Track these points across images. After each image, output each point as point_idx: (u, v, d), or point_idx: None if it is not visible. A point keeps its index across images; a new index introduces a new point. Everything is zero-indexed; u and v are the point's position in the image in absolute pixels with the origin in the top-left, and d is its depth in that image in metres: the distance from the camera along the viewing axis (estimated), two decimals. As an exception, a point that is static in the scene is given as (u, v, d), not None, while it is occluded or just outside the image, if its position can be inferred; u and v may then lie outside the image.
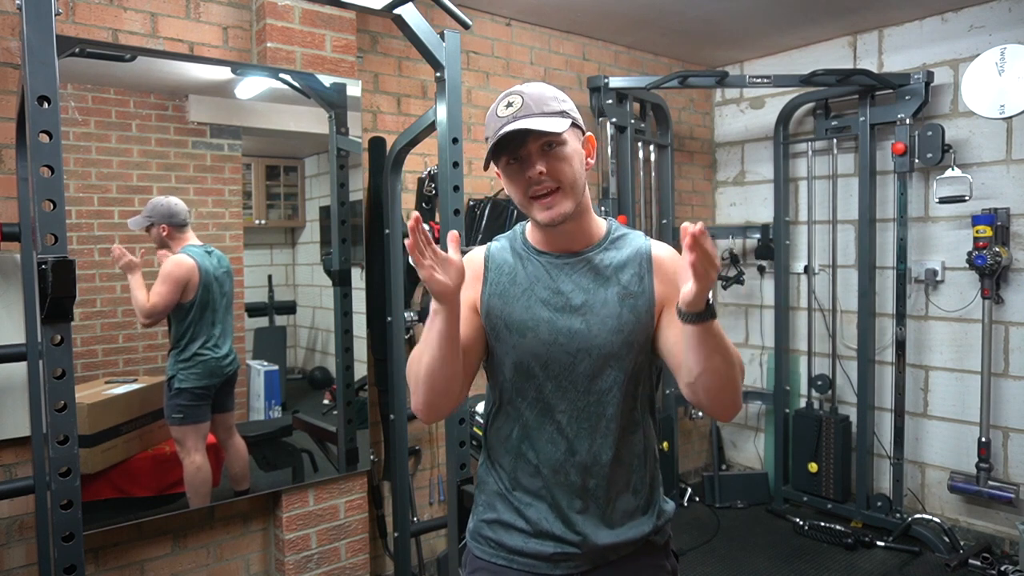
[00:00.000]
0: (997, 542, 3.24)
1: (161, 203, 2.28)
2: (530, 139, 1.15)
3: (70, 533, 1.49)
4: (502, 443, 1.29)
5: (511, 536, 1.27)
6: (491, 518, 1.30)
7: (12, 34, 2.13)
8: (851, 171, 3.71)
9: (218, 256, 2.41)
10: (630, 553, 1.27)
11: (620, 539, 1.25)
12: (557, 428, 1.23)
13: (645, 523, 1.28)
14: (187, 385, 2.34)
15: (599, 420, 1.22)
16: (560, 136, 1.16)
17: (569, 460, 1.23)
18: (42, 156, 1.43)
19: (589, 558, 1.25)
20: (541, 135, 1.15)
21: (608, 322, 1.21)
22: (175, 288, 2.29)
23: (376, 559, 2.89)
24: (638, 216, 3.66)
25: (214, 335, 2.38)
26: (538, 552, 1.24)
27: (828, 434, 3.62)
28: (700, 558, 3.24)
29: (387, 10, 2.06)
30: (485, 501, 1.33)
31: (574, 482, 1.23)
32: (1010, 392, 3.21)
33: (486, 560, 1.30)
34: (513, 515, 1.27)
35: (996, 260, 3.06)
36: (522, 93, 1.18)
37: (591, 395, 1.22)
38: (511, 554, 1.27)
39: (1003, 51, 3.11)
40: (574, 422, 1.22)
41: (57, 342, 1.46)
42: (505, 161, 1.19)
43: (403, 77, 3.03)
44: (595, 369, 1.21)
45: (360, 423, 2.71)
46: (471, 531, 1.35)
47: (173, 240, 2.30)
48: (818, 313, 3.83)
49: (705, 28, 3.58)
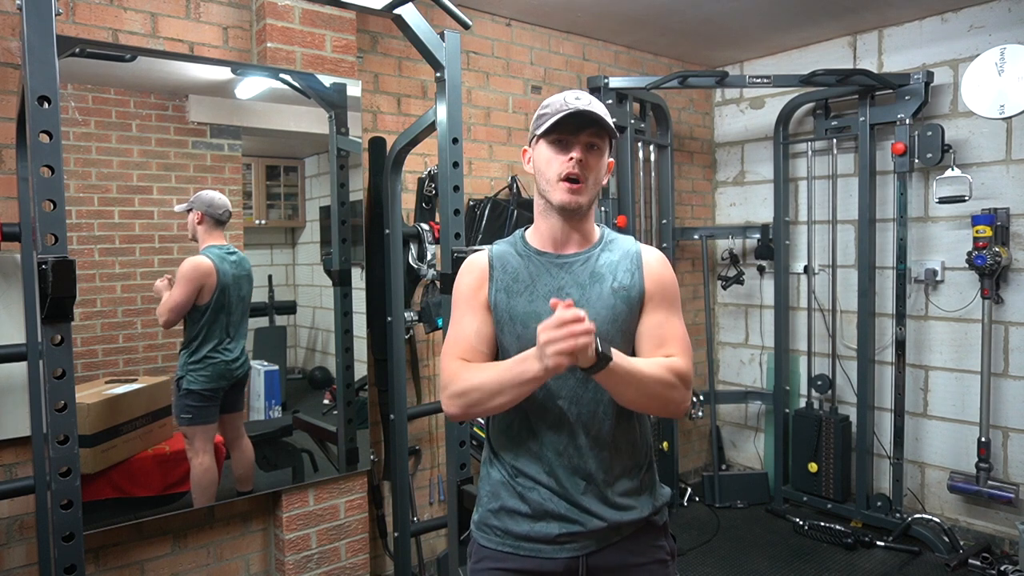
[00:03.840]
0: (997, 542, 3.24)
1: (206, 193, 2.35)
2: (585, 131, 1.28)
3: (70, 533, 1.49)
4: (505, 433, 1.35)
5: (516, 522, 1.32)
6: (496, 507, 1.35)
7: (12, 34, 2.13)
8: (851, 171, 3.71)
9: (240, 258, 2.43)
10: (631, 533, 1.33)
11: (622, 519, 1.31)
12: (558, 415, 1.30)
13: (644, 504, 1.35)
14: (195, 387, 2.35)
15: (597, 406, 1.30)
16: (610, 139, 1.32)
17: (571, 444, 1.30)
18: (42, 156, 1.43)
19: (592, 538, 1.30)
20: (596, 131, 1.28)
21: (603, 313, 1.30)
22: (192, 289, 2.31)
23: (376, 559, 2.89)
24: (638, 216, 3.66)
25: (226, 338, 2.39)
26: (543, 535, 1.30)
27: (828, 434, 3.62)
28: (700, 558, 3.24)
29: (387, 10, 2.06)
30: (489, 491, 1.37)
31: (576, 464, 1.30)
32: (1010, 392, 3.21)
33: (492, 548, 1.34)
34: (517, 501, 1.32)
35: (996, 260, 3.06)
36: (590, 97, 1.31)
37: (590, 382, 1.28)
38: (517, 540, 1.32)
39: (1003, 51, 3.11)
40: (574, 408, 1.30)
41: (57, 342, 1.46)
42: (555, 137, 1.29)
43: (403, 77, 3.03)
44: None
45: (360, 423, 2.71)
46: (476, 522, 1.40)
47: (203, 230, 2.33)
48: (818, 313, 3.83)
49: (705, 28, 3.58)
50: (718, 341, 4.41)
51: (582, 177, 1.28)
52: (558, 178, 1.28)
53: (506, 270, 1.35)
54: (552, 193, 1.30)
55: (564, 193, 1.28)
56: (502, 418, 1.36)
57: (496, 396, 1.21)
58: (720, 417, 4.33)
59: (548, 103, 1.32)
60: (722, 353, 4.42)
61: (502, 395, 1.21)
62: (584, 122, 1.27)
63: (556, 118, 1.26)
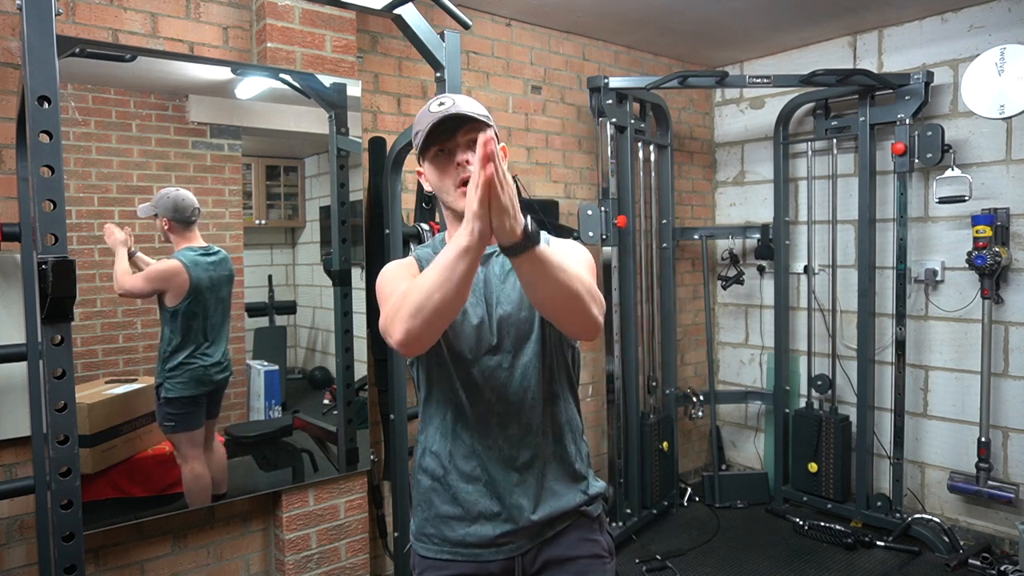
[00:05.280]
0: (997, 542, 3.24)
1: (169, 194, 2.27)
2: (460, 131, 1.25)
3: (70, 533, 1.49)
4: (437, 428, 1.35)
5: (451, 528, 1.32)
6: (429, 515, 1.35)
7: (12, 34, 2.13)
8: (851, 171, 3.71)
9: (221, 258, 2.38)
10: (565, 528, 1.34)
11: (554, 510, 1.31)
12: (487, 406, 1.30)
13: (576, 493, 1.35)
14: (174, 394, 2.31)
15: (525, 393, 1.30)
16: (486, 127, 1.25)
17: (501, 435, 1.30)
18: (42, 156, 1.43)
19: (526, 534, 1.31)
20: (471, 127, 1.25)
21: (518, 301, 1.31)
22: (151, 288, 2.27)
23: (376, 559, 2.89)
24: (638, 216, 3.66)
25: (204, 342, 2.35)
26: (480, 538, 1.30)
27: (828, 434, 3.62)
28: (700, 558, 3.24)
29: (387, 10, 2.06)
30: (421, 499, 1.38)
31: (508, 455, 1.30)
32: (1010, 392, 3.21)
33: (432, 558, 1.34)
34: (449, 505, 1.32)
35: (996, 260, 3.06)
36: (453, 96, 1.28)
37: (515, 370, 1.30)
38: (455, 547, 1.32)
39: (1003, 51, 3.11)
40: (503, 398, 1.30)
41: (57, 342, 1.46)
42: (434, 152, 1.28)
43: (403, 77, 3.03)
44: (515, 345, 1.30)
45: (360, 423, 2.71)
46: (414, 532, 1.40)
47: (175, 235, 2.29)
48: (818, 313, 3.83)
49: (705, 28, 3.58)
50: (718, 341, 4.41)
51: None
52: (455, 187, 1.27)
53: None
54: (457, 203, 1.26)
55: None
56: (434, 413, 1.35)
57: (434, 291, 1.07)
58: (720, 417, 4.33)
59: (417, 119, 1.31)
60: (722, 353, 4.42)
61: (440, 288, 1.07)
62: (455, 123, 1.25)
63: (426, 131, 1.24)
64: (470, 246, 1.04)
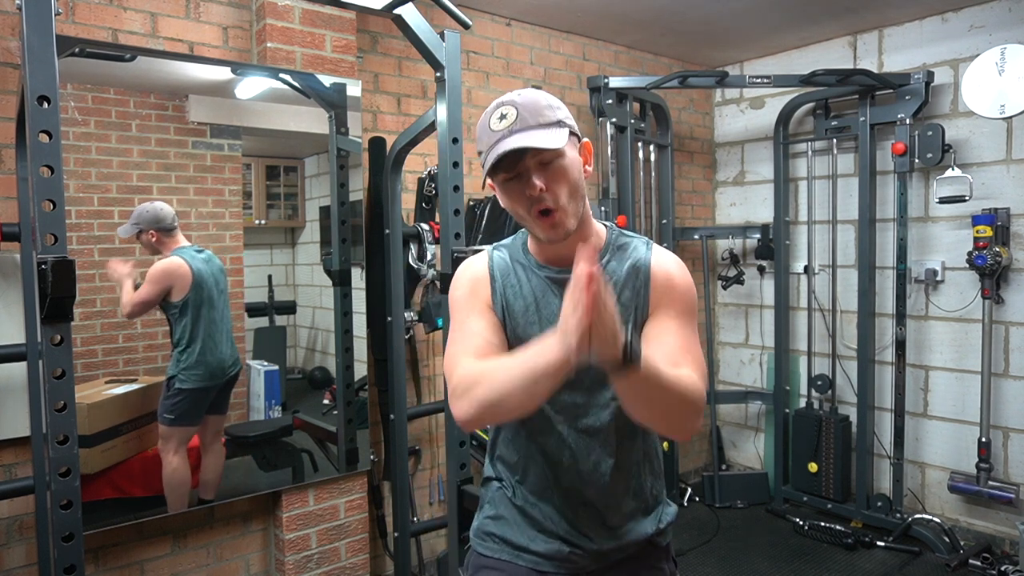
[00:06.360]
0: (997, 542, 3.24)
1: (147, 209, 2.27)
2: (527, 155, 1.11)
3: (70, 533, 1.49)
4: (511, 439, 1.30)
5: (516, 533, 1.28)
6: (496, 515, 1.32)
7: (12, 34, 2.13)
8: (851, 171, 3.71)
9: (208, 256, 2.39)
10: (631, 554, 1.29)
11: (622, 541, 1.27)
12: (559, 438, 1.24)
13: (647, 525, 1.30)
14: (188, 386, 2.33)
15: (599, 431, 1.23)
16: (559, 150, 1.12)
17: (572, 467, 1.24)
18: (42, 156, 1.43)
19: (592, 559, 1.27)
20: (539, 151, 1.11)
21: None
22: (160, 289, 2.29)
23: (376, 559, 2.89)
24: (638, 216, 3.66)
25: (216, 334, 2.38)
26: (543, 550, 1.26)
27: (828, 434, 3.62)
28: (700, 558, 3.24)
29: (387, 10, 2.06)
30: (490, 499, 1.34)
31: (577, 489, 1.25)
32: (1010, 392, 3.21)
33: (491, 557, 1.31)
34: (518, 513, 1.29)
35: (996, 260, 3.06)
36: (515, 104, 1.13)
37: (591, 407, 1.23)
38: (516, 550, 1.28)
39: (1003, 51, 3.11)
40: (574, 433, 1.23)
41: (57, 342, 1.46)
42: (503, 178, 1.14)
43: (403, 77, 3.03)
44: (596, 382, 1.21)
45: (360, 423, 2.71)
46: (475, 530, 1.36)
47: (163, 244, 2.30)
48: (818, 313, 3.83)
49: (705, 28, 3.58)
50: (718, 341, 4.41)
51: (553, 204, 1.12)
52: (530, 214, 1.14)
53: (507, 282, 1.25)
54: (533, 229, 1.18)
55: (545, 229, 1.15)
56: (510, 423, 1.28)
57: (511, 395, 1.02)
58: (720, 417, 4.33)
59: (479, 132, 1.17)
60: (722, 353, 4.42)
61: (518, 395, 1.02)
62: (519, 154, 1.10)
63: (490, 163, 1.11)
64: (561, 368, 0.96)
